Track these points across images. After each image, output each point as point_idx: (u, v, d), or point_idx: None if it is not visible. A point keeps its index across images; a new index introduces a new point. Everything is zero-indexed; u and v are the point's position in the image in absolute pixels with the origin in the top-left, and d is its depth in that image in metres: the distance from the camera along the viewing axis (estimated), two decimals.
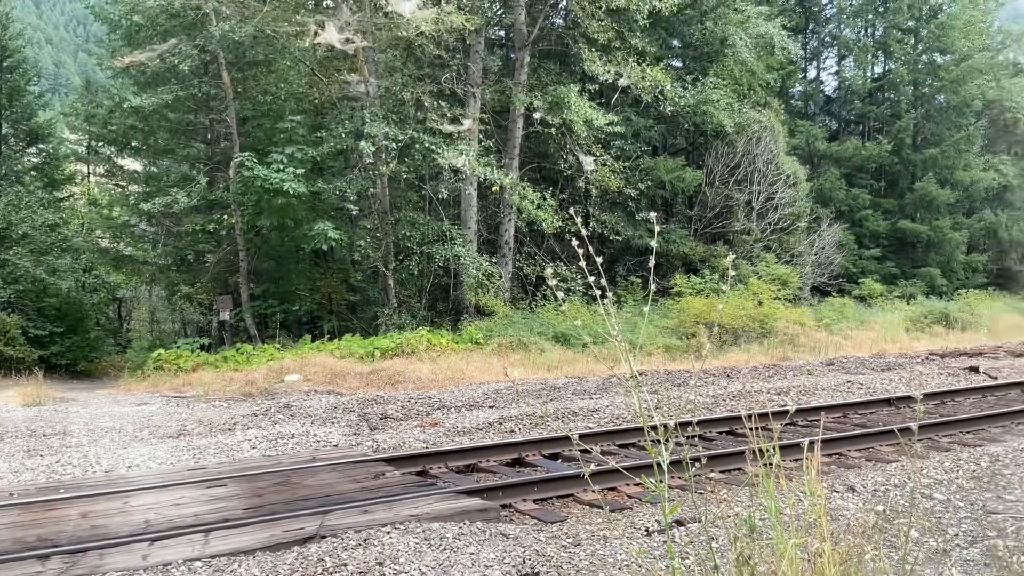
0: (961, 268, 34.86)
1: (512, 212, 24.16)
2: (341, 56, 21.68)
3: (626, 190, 25.47)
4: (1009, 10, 40.05)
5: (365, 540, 5.94)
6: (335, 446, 10.09)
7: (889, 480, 8.18)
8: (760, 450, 2.98)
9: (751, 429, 3.06)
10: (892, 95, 36.83)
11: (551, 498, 7.63)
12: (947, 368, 16.20)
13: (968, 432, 10.15)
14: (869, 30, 38.51)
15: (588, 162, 24.59)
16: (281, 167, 20.08)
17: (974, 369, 15.81)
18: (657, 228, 2.92)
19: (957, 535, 6.50)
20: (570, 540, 6.40)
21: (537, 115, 23.78)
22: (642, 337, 17.09)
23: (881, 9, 37.16)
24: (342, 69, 22.13)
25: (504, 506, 7.30)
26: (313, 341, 20.35)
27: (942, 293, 31.53)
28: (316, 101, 23.98)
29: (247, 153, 20.89)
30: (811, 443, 2.97)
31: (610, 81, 24.55)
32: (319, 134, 21.69)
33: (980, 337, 22.41)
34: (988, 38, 37.65)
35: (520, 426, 11.20)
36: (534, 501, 7.51)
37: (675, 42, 29.26)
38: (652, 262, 2.78)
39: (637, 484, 7.68)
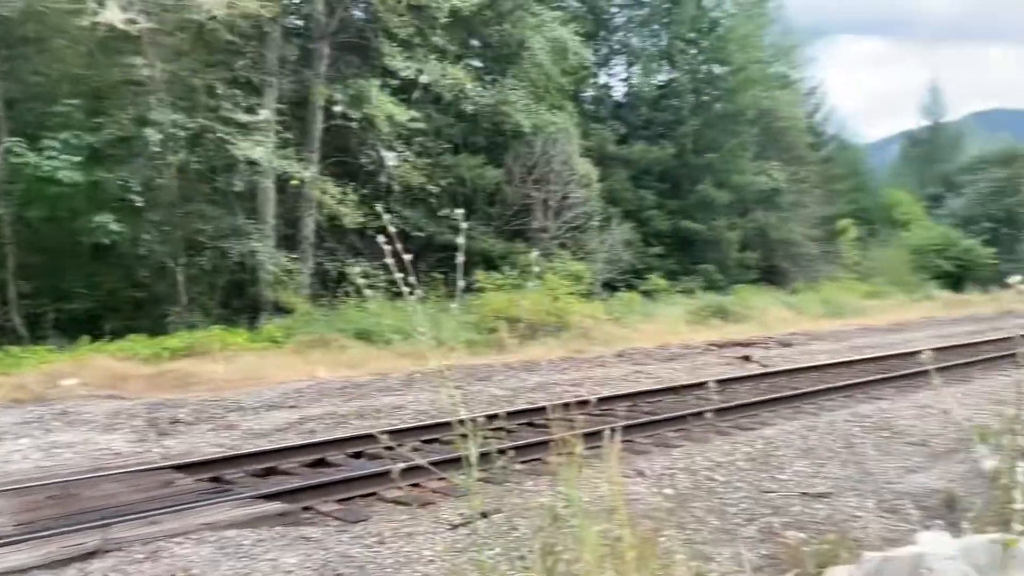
0: (735, 265, 37.60)
1: (313, 207, 23.58)
2: (124, 37, 20.25)
3: (428, 186, 25.53)
4: (779, 27, 43.57)
5: (154, 552, 5.61)
6: (119, 454, 9.45)
7: (675, 464, 8.71)
8: (563, 440, 3.07)
9: (554, 420, 3.15)
10: (676, 102, 39.11)
11: (354, 498, 7.53)
12: (724, 357, 17.45)
13: (744, 417, 10.96)
14: (655, 39, 40.71)
15: (390, 157, 24.42)
16: (54, 154, 18.51)
17: (747, 358, 17.13)
18: (464, 225, 2.94)
19: (737, 514, 7.01)
20: (374, 539, 6.34)
21: (338, 108, 23.33)
22: (446, 333, 17.19)
23: (666, 20, 39.37)
24: (125, 51, 20.68)
25: (305, 509, 7.12)
26: (93, 342, 18.91)
27: (719, 288, 33.88)
28: (96, 84, 22.26)
29: (15, 139, 19.10)
30: (612, 431, 3.10)
31: (411, 77, 24.49)
32: (98, 120, 20.18)
33: (752, 328, 24.30)
34: (761, 51, 40.85)
35: (322, 426, 10.97)
36: (337, 502, 7.38)
37: (475, 42, 29.65)
38: (461, 259, 2.79)
39: (442, 479, 7.72)
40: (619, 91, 41.49)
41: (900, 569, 2.50)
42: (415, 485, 7.73)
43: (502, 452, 2.99)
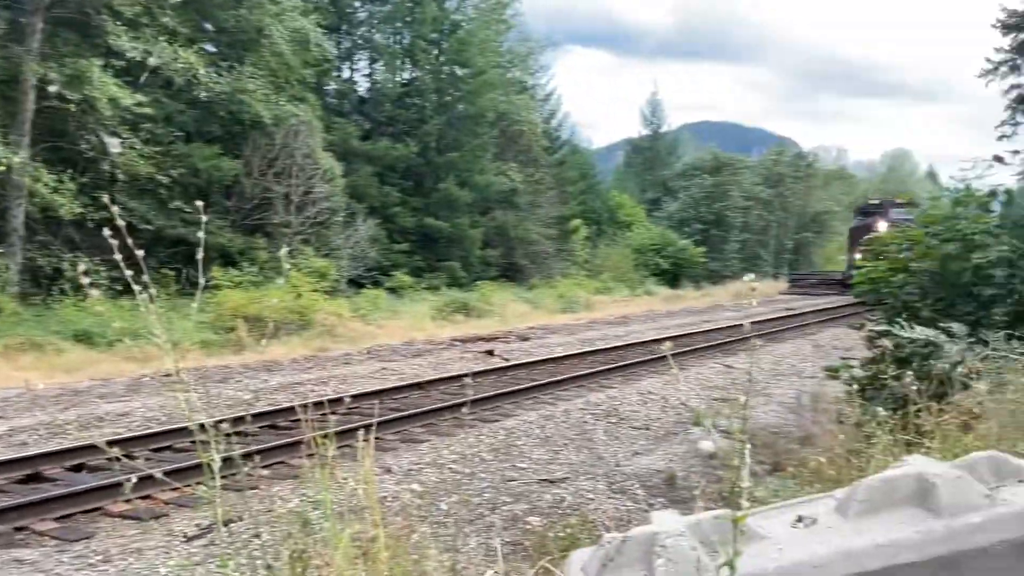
0: (478, 262, 38.65)
1: (23, 196, 21.24)
2: None
3: (158, 177, 23.88)
4: (516, 33, 45.19)
5: None
6: None
7: (422, 459, 8.79)
8: (313, 441, 2.98)
9: (305, 421, 3.04)
10: (419, 101, 39.46)
11: (75, 514, 6.87)
12: (468, 352, 17.86)
13: (487, 410, 11.26)
14: (398, 37, 40.81)
15: (114, 144, 22.53)
16: None
17: (490, 352, 17.65)
18: (205, 218, 2.76)
19: (481, 503, 7.20)
20: (99, 557, 5.84)
21: (53, 88, 21.16)
22: (180, 333, 16.15)
23: (408, 19, 39.60)
24: None
25: (19, 529, 6.40)
26: None
27: (462, 285, 34.66)
28: None
29: None
30: (365, 430, 3.04)
31: (139, 59, 22.76)
32: None
33: (494, 324, 25.08)
34: (500, 56, 42.23)
35: (35, 437, 9.92)
36: (55, 520, 6.70)
37: (209, 26, 28.11)
38: (200, 254, 2.61)
39: (175, 489, 7.25)
40: (363, 86, 41.20)
41: (637, 548, 2.65)
42: (145, 497, 7.20)
43: (245, 457, 2.84)
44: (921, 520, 2.52)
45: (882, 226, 29.08)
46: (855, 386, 7.11)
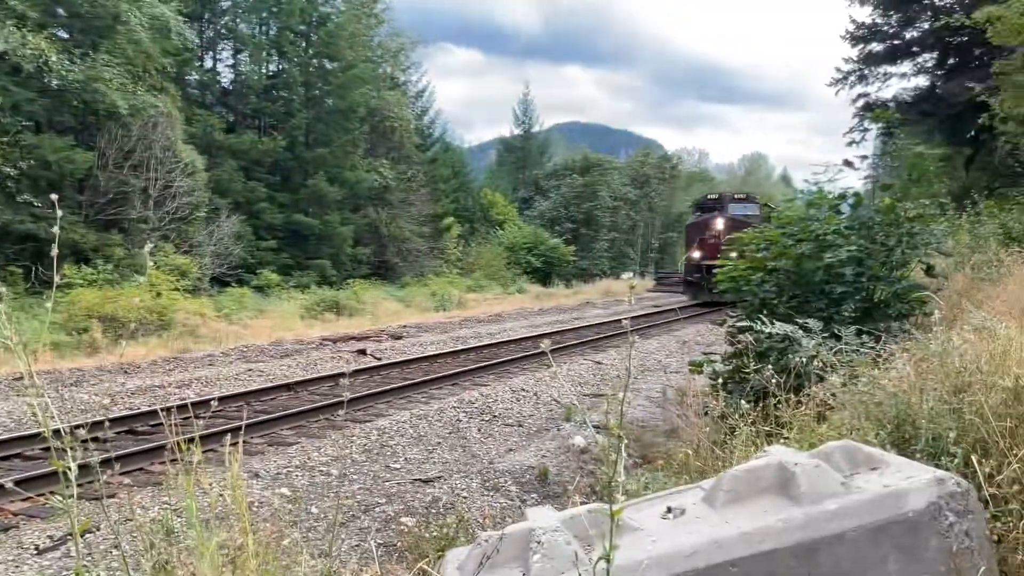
0: (348, 260, 38.06)
1: None
2: None
3: (4, 168, 22.35)
4: (387, 29, 44.75)
5: None
6: None
7: (291, 462, 8.56)
8: (178, 446, 2.85)
9: (170, 426, 2.90)
10: (286, 94, 38.50)
11: None
12: (339, 352, 17.55)
13: (359, 410, 11.10)
14: (264, 28, 39.69)
15: None
16: None
17: (362, 352, 17.40)
18: (60, 213, 2.59)
19: (353, 505, 7.08)
20: None
21: None
22: (29, 334, 15.15)
23: (275, 9, 38.57)
24: None
25: None
26: None
27: (332, 283, 34.05)
28: None
29: None
30: (232, 435, 2.93)
31: None
32: None
33: (366, 322, 24.74)
34: (370, 51, 41.70)
35: None
36: None
37: (61, 10, 26.51)
38: (55, 251, 2.44)
39: (24, 500, 6.82)
40: (227, 78, 39.84)
41: (513, 545, 2.67)
42: None
43: (103, 464, 2.68)
44: (783, 508, 2.65)
45: (719, 223, 28.16)
46: (718, 380, 7.40)
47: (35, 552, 5.90)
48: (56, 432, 2.35)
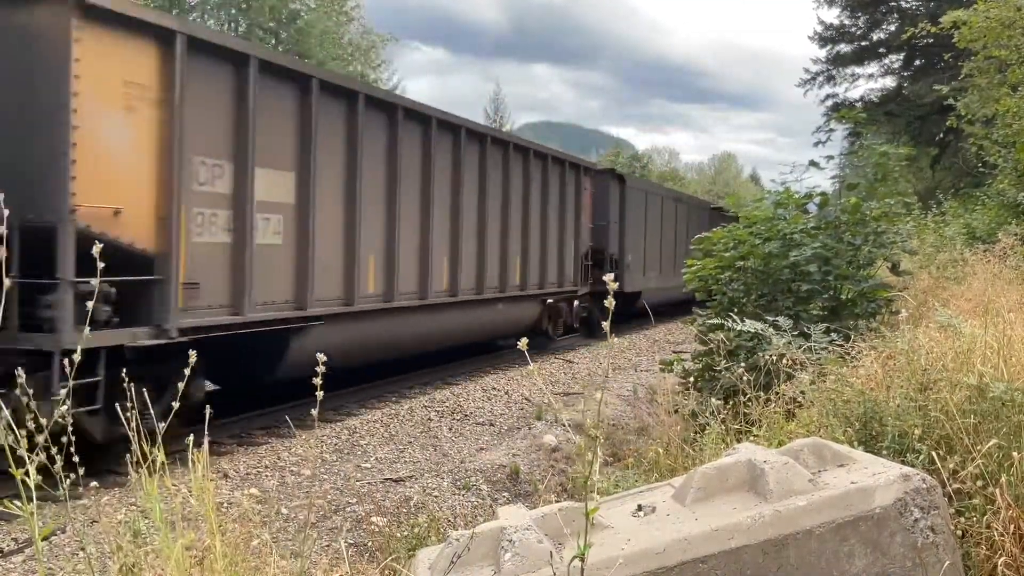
0: None
1: None
2: None
3: None
4: (357, 27, 44.49)
5: None
6: None
7: (261, 462, 8.50)
8: (141, 448, 2.81)
9: (133, 428, 2.86)
10: None
11: None
12: None
13: (330, 409, 11.00)
14: (233, 25, 39.30)
15: None
16: None
17: None
18: None
19: (324, 505, 7.04)
20: None
21: None
22: None
23: (244, 6, 38.22)
24: None
25: None
26: None
27: None
28: None
29: None
30: (196, 438, 2.90)
31: None
32: None
33: None
34: (341, 48, 41.45)
35: None
36: None
37: None
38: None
39: None
40: None
41: (484, 544, 2.67)
42: None
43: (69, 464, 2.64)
44: (752, 505, 2.67)
45: None
46: (689, 378, 7.45)
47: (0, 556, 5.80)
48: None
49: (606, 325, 1.91)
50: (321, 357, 2.72)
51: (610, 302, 1.94)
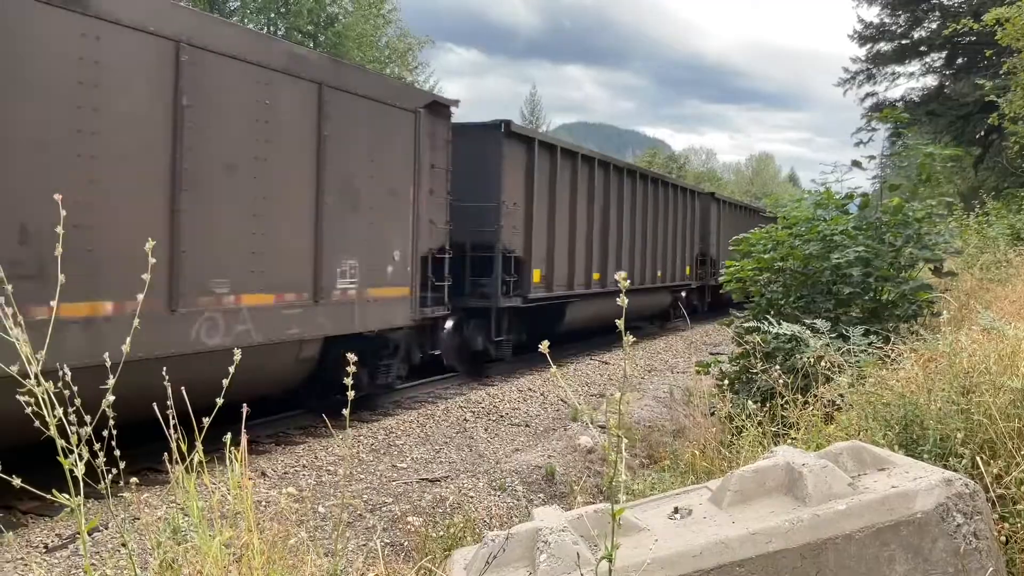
0: None
1: None
2: None
3: None
4: (394, 29, 44.75)
5: None
6: None
7: (298, 461, 8.58)
8: (179, 447, 2.85)
9: (174, 427, 2.90)
10: None
11: None
12: None
13: (366, 409, 11.08)
14: (272, 28, 39.76)
15: None
16: None
17: None
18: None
19: (361, 505, 7.08)
20: None
21: None
22: None
23: (283, 10, 38.67)
24: None
25: None
26: None
27: None
28: None
29: None
30: (234, 436, 2.93)
31: None
32: None
33: None
34: (378, 51, 41.74)
35: None
36: None
37: None
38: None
39: (34, 499, 6.83)
40: None
41: (520, 545, 2.67)
42: (7, 507, 6.75)
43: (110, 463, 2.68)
44: (790, 508, 2.64)
45: None
46: (725, 380, 7.39)
47: (44, 550, 5.92)
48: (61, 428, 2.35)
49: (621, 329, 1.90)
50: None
51: (622, 300, 1.95)
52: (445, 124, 11.91)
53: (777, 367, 5.13)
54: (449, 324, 12.99)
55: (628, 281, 1.95)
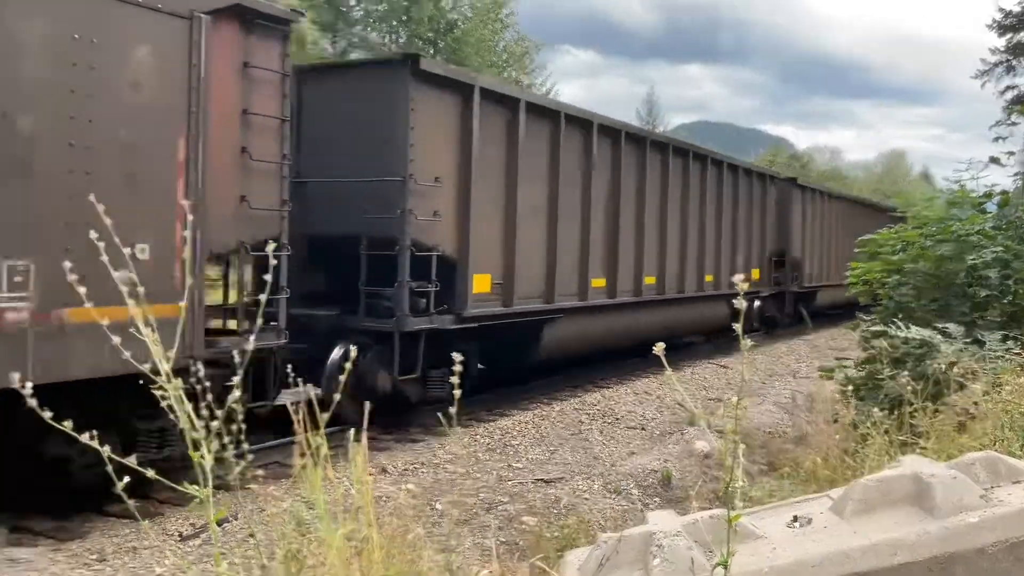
0: None
1: None
2: None
3: None
4: (512, 33, 45.18)
5: None
6: None
7: (418, 459, 8.77)
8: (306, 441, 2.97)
9: (298, 421, 3.03)
10: None
11: (71, 515, 6.86)
12: None
13: (483, 409, 11.21)
14: (394, 36, 40.77)
15: None
16: None
17: None
18: None
19: (477, 503, 7.19)
20: (94, 556, 5.83)
21: None
22: None
23: (405, 18, 39.58)
24: None
25: (15, 529, 6.39)
26: None
27: None
28: None
29: None
30: (356, 430, 3.03)
31: None
32: None
33: None
34: (496, 56, 42.23)
35: None
36: (52, 519, 6.69)
37: None
38: None
39: (170, 489, 7.21)
40: None
41: (633, 548, 2.65)
42: (145, 497, 7.17)
43: (239, 457, 2.82)
44: (917, 520, 2.53)
45: None
46: (850, 386, 7.12)
47: (179, 539, 6.27)
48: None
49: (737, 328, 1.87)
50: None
51: (740, 303, 1.92)
52: (276, 48, 7.82)
53: (906, 373, 4.91)
54: (337, 354, 9.13)
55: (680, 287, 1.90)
